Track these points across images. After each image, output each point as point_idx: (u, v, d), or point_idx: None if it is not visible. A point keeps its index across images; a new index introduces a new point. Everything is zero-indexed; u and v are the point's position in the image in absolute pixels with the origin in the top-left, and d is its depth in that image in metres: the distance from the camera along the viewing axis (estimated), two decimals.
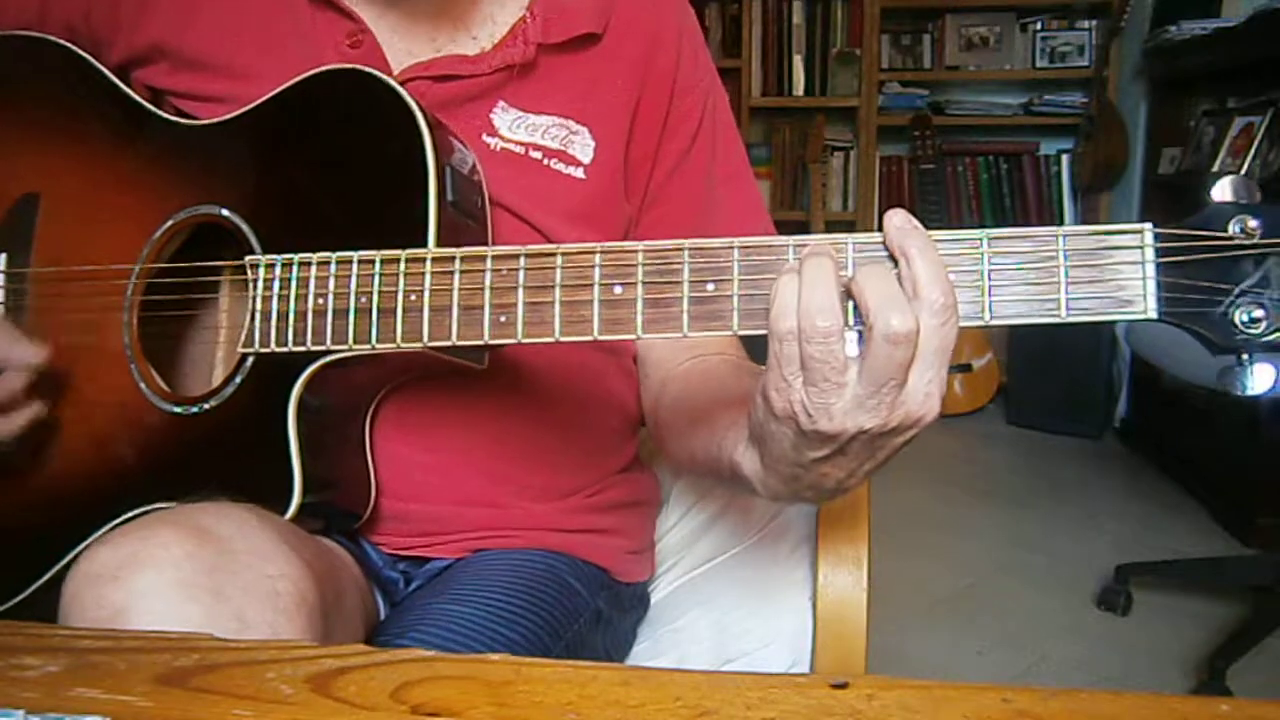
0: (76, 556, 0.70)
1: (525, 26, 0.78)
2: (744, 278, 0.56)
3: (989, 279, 0.54)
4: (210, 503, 0.63)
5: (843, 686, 0.42)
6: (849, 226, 3.67)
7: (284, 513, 0.68)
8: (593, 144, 0.79)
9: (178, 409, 0.72)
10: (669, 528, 1.00)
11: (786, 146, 3.72)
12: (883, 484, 0.76)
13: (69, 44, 0.82)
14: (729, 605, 0.90)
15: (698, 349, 0.83)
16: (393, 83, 0.69)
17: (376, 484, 0.77)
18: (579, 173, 0.79)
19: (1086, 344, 3.13)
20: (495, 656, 0.45)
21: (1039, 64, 3.62)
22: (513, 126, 0.78)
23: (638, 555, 0.92)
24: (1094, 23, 3.57)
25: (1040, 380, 3.18)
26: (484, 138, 0.78)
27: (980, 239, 0.54)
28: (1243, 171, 2.59)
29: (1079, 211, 3.63)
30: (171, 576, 0.54)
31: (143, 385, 0.74)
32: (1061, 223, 3.61)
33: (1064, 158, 3.63)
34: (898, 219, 0.53)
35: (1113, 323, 0.53)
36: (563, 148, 0.78)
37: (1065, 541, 2.46)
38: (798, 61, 3.64)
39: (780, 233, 0.66)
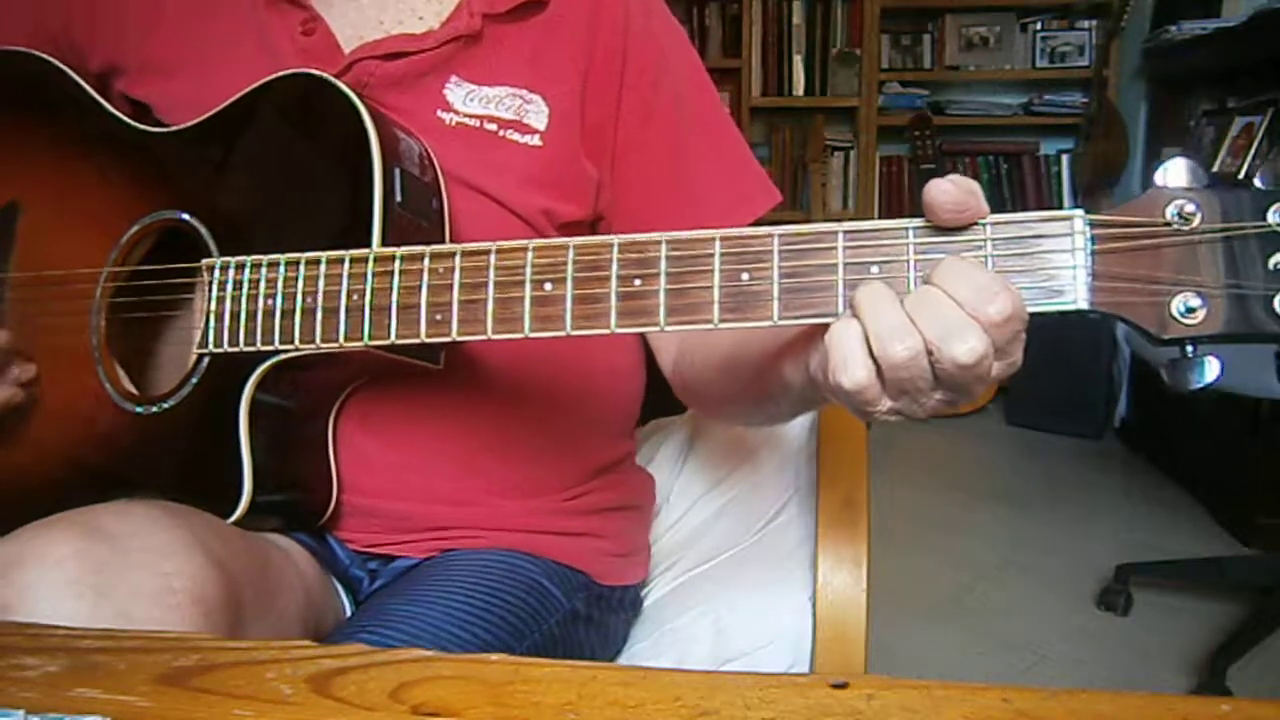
0: None
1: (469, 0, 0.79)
2: (671, 271, 0.55)
3: (914, 269, 0.52)
4: (117, 502, 0.63)
5: (842, 686, 0.42)
6: None
7: (233, 511, 0.68)
8: (547, 110, 0.79)
9: (139, 409, 0.74)
10: (668, 527, 1.00)
11: (786, 146, 3.72)
12: (883, 484, 0.76)
13: (46, 56, 0.83)
14: (729, 605, 0.90)
15: None
16: (341, 85, 0.69)
17: (340, 483, 0.77)
18: (535, 140, 0.79)
19: (1086, 344, 3.12)
20: (494, 656, 0.45)
21: (1039, 64, 3.61)
22: (466, 100, 0.78)
23: (624, 559, 0.90)
24: (1094, 23, 3.57)
25: (1040, 380, 3.17)
26: (438, 114, 0.78)
27: (906, 229, 0.52)
28: (1243, 171, 2.59)
29: None
30: (56, 574, 0.55)
31: (108, 385, 0.75)
32: None
33: (1064, 158, 3.62)
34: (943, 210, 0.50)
35: (1042, 315, 0.50)
36: (517, 117, 0.78)
37: (1065, 541, 2.46)
38: (798, 61, 3.64)
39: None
